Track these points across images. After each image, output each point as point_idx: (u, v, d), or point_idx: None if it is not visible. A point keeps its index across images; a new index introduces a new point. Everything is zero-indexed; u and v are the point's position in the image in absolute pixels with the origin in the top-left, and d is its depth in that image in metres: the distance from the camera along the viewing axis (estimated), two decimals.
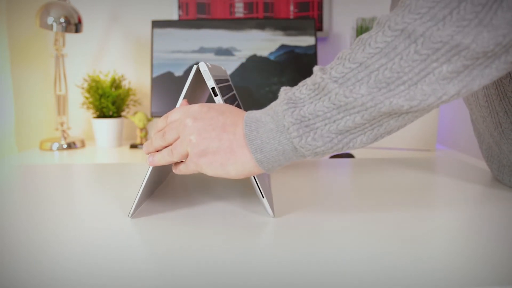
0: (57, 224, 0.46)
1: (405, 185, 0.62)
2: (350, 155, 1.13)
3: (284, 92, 0.42)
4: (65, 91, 1.43)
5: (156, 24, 1.46)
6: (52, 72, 1.58)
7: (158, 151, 0.47)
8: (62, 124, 1.43)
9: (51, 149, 1.40)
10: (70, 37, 1.58)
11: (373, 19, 1.45)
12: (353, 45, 0.40)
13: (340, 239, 0.42)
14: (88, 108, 1.46)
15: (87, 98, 1.45)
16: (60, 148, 1.41)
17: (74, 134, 1.64)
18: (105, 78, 1.51)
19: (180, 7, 1.57)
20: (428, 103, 0.37)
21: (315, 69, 0.42)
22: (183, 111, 0.46)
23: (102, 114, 1.45)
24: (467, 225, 0.46)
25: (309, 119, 0.40)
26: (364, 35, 0.40)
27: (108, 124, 1.42)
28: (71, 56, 1.59)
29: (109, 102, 1.42)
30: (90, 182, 0.66)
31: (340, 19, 1.60)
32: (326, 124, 0.40)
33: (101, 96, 1.42)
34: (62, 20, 1.34)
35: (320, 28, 1.57)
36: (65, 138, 1.43)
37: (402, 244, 0.41)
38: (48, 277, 0.34)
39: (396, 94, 0.37)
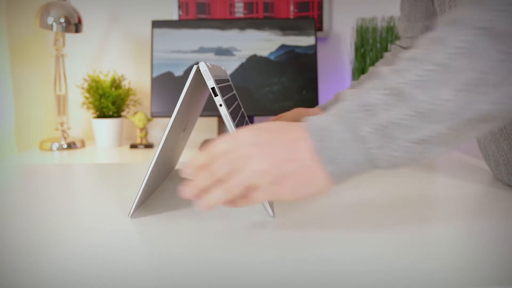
0: (57, 224, 0.46)
1: (405, 185, 0.62)
2: None
3: (353, 95, 0.38)
4: (65, 91, 1.43)
5: (156, 24, 1.46)
6: (52, 72, 1.58)
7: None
8: (62, 124, 1.43)
9: (51, 149, 1.40)
10: (70, 37, 1.58)
11: (373, 19, 1.45)
12: (422, 45, 0.37)
13: (340, 239, 0.42)
14: (88, 108, 1.46)
15: (87, 98, 1.45)
16: (60, 148, 1.41)
17: (74, 134, 1.64)
18: (105, 78, 1.51)
19: (180, 7, 1.57)
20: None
21: (382, 70, 0.38)
22: (233, 140, 0.40)
23: (102, 114, 1.45)
24: (467, 225, 0.46)
25: (387, 128, 0.36)
26: (433, 34, 0.36)
27: (108, 124, 1.42)
28: (71, 56, 1.59)
29: (109, 102, 1.42)
30: (90, 182, 0.66)
31: (340, 19, 1.60)
32: (406, 133, 0.36)
33: (101, 96, 1.42)
34: (62, 20, 1.34)
35: (320, 28, 1.57)
36: (65, 138, 1.43)
37: (402, 244, 0.41)
38: (48, 277, 0.34)
39: (483, 98, 0.35)
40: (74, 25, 1.36)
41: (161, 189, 0.61)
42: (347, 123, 0.37)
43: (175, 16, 1.57)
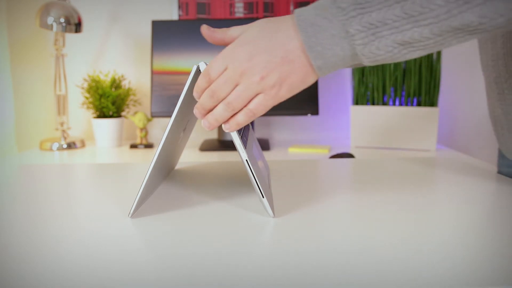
0: (56, 224, 0.46)
1: (405, 185, 0.62)
2: (350, 155, 1.13)
3: None
4: (65, 91, 1.43)
5: (156, 24, 1.46)
6: (52, 72, 1.58)
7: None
8: (62, 124, 1.43)
9: (51, 149, 1.40)
10: (70, 37, 1.58)
11: None
12: None
13: (341, 239, 0.42)
14: (88, 108, 1.46)
15: (87, 98, 1.45)
16: (60, 148, 1.41)
17: (74, 134, 1.64)
18: (105, 78, 1.51)
19: (180, 7, 1.57)
20: (495, 23, 0.37)
21: None
22: (224, 59, 0.42)
23: (102, 114, 1.45)
24: (467, 225, 0.46)
25: (376, 27, 0.38)
26: None
27: (108, 124, 1.42)
28: (71, 56, 1.59)
29: (109, 102, 1.42)
30: (90, 182, 0.66)
31: None
32: (392, 34, 0.39)
33: (101, 96, 1.42)
34: (62, 20, 1.34)
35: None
36: (65, 138, 1.43)
37: (402, 244, 0.41)
38: (47, 277, 0.34)
39: (470, 9, 0.36)
40: (74, 25, 1.36)
41: (161, 189, 0.61)
42: (338, 20, 0.39)
43: (175, 16, 1.57)
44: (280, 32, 0.41)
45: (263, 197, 0.48)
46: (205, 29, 0.47)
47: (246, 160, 0.47)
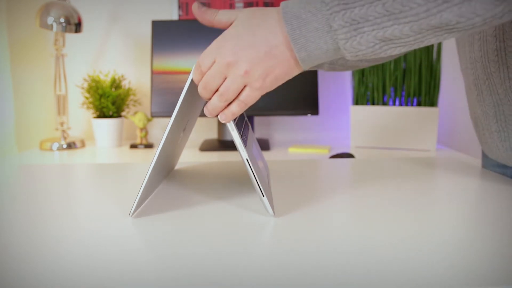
0: (56, 224, 0.46)
1: (405, 185, 0.62)
2: (350, 155, 1.13)
3: None
4: (65, 91, 1.43)
5: (156, 24, 1.46)
6: (52, 72, 1.58)
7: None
8: (62, 124, 1.43)
9: (51, 149, 1.40)
10: (70, 37, 1.58)
11: None
12: None
13: (340, 239, 0.42)
14: (88, 108, 1.46)
15: (87, 98, 1.45)
16: (60, 148, 1.41)
17: (74, 134, 1.64)
18: (105, 78, 1.51)
19: (180, 7, 1.57)
20: (472, 23, 0.38)
21: None
22: (212, 53, 0.44)
23: (102, 114, 1.45)
24: (467, 225, 0.46)
25: (358, 23, 0.40)
26: None
27: (108, 124, 1.42)
28: (71, 56, 1.59)
29: (109, 102, 1.42)
30: (90, 182, 0.66)
31: None
32: (373, 30, 0.40)
33: (101, 96, 1.42)
34: (62, 20, 1.34)
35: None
36: (65, 138, 1.43)
37: (402, 244, 0.41)
38: (47, 277, 0.34)
39: (449, 8, 0.38)
40: (74, 25, 1.36)
41: (161, 189, 0.61)
42: (322, 14, 0.41)
43: (175, 16, 1.57)
44: (264, 27, 0.43)
45: (263, 196, 0.48)
46: (195, 8, 0.48)
47: (247, 159, 0.47)
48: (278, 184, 0.64)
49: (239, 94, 0.46)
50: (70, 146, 1.43)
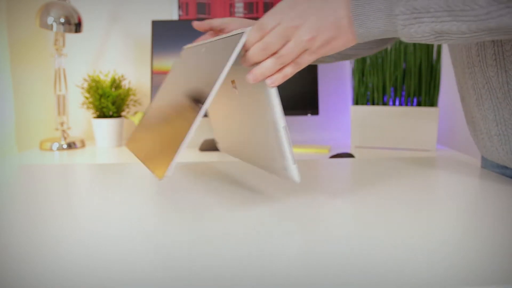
0: (56, 224, 0.46)
1: (405, 185, 0.62)
2: (350, 155, 1.13)
3: None
4: (65, 91, 1.43)
5: (156, 24, 1.46)
6: (52, 72, 1.58)
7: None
8: (62, 124, 1.43)
9: (51, 149, 1.40)
10: (70, 37, 1.58)
11: None
12: None
13: (340, 239, 0.42)
14: (88, 108, 1.46)
15: (87, 98, 1.45)
16: (60, 148, 1.41)
17: (74, 134, 1.64)
18: (105, 78, 1.51)
19: (180, 7, 1.57)
20: None
21: None
22: (277, 15, 0.45)
23: (102, 114, 1.45)
24: (467, 225, 0.46)
25: (419, 12, 0.42)
26: None
27: (108, 124, 1.42)
28: (71, 56, 1.59)
29: (109, 102, 1.42)
30: (90, 182, 0.66)
31: None
32: (432, 22, 0.42)
33: (101, 96, 1.42)
34: (62, 20, 1.34)
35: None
36: (65, 138, 1.43)
37: (402, 243, 0.41)
38: (47, 277, 0.34)
39: (510, 13, 0.39)
40: (74, 25, 1.36)
41: (161, 189, 0.61)
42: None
43: (175, 16, 1.57)
44: (335, 4, 0.45)
45: (294, 163, 0.48)
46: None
47: (284, 127, 0.47)
48: (278, 184, 0.64)
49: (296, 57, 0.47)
50: (70, 146, 1.43)
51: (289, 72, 0.47)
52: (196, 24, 0.62)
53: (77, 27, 1.38)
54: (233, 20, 0.63)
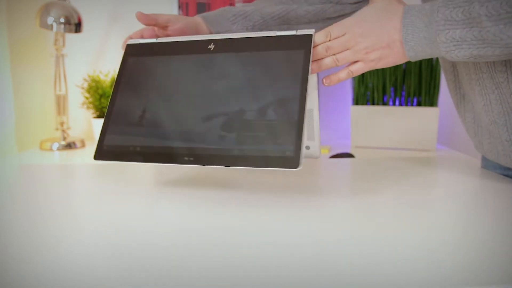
0: (56, 224, 0.46)
1: (405, 185, 0.62)
2: (350, 155, 1.14)
3: (445, 6, 0.50)
4: (65, 91, 1.43)
5: None
6: (52, 72, 1.58)
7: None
8: (62, 124, 1.43)
9: (51, 149, 1.40)
10: (70, 37, 1.58)
11: None
12: None
13: (340, 239, 0.42)
14: (88, 108, 1.46)
15: (87, 98, 1.45)
16: (60, 148, 1.41)
17: (74, 134, 1.64)
18: (105, 78, 1.51)
19: (180, 7, 1.57)
20: None
21: None
22: (345, 28, 0.55)
23: (102, 114, 1.45)
24: (467, 225, 0.46)
25: (457, 41, 0.50)
26: None
27: None
28: (71, 56, 1.59)
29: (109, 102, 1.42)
30: (90, 182, 0.66)
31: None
32: (470, 48, 0.50)
33: (101, 96, 1.42)
34: (62, 20, 1.34)
35: None
36: (65, 138, 1.43)
37: (402, 243, 0.41)
38: (47, 277, 0.34)
39: None
40: (74, 25, 1.36)
41: (161, 189, 0.61)
42: (432, 29, 0.51)
43: None
44: (390, 23, 0.54)
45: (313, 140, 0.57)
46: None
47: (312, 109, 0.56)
48: (278, 184, 0.64)
49: (349, 65, 0.57)
50: (70, 146, 1.43)
51: (343, 77, 0.58)
52: (140, 16, 0.62)
53: (77, 27, 1.38)
54: (178, 18, 0.67)
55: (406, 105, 1.44)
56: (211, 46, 0.58)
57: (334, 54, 0.56)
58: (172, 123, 0.56)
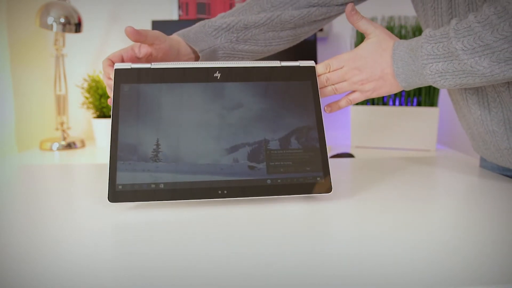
0: (56, 224, 0.46)
1: (405, 185, 0.62)
2: (350, 155, 1.14)
3: (427, 42, 0.55)
4: (65, 91, 1.43)
5: (156, 24, 1.46)
6: (52, 72, 1.58)
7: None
8: (62, 124, 1.43)
9: (51, 149, 1.40)
10: (70, 37, 1.58)
11: (372, 19, 1.45)
12: (483, 22, 0.51)
13: (340, 239, 0.42)
14: (88, 108, 1.46)
15: (87, 98, 1.45)
16: (60, 148, 1.41)
17: (74, 134, 1.64)
18: None
19: (180, 7, 1.57)
20: None
21: (451, 28, 0.54)
22: (343, 61, 0.61)
23: (102, 114, 1.45)
24: (468, 225, 0.46)
25: (441, 73, 0.55)
26: (494, 19, 0.50)
27: (108, 124, 1.42)
28: (71, 56, 1.59)
29: None
30: (90, 182, 0.66)
31: (340, 19, 1.60)
32: (454, 78, 0.55)
33: (101, 96, 1.42)
34: (62, 20, 1.34)
35: (320, 28, 1.57)
36: (65, 138, 1.43)
37: (402, 243, 0.41)
38: (47, 277, 0.34)
39: (510, 69, 0.51)
40: (74, 25, 1.36)
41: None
42: (418, 63, 0.56)
43: (175, 16, 1.57)
44: (383, 58, 0.60)
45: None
46: (349, 9, 0.62)
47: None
48: None
49: (348, 94, 0.63)
50: (70, 146, 1.43)
51: (343, 105, 0.64)
52: (130, 32, 0.58)
53: (77, 27, 1.38)
54: (164, 37, 0.64)
55: (406, 105, 1.44)
56: (217, 75, 0.56)
57: (333, 84, 0.62)
58: (193, 155, 0.53)
